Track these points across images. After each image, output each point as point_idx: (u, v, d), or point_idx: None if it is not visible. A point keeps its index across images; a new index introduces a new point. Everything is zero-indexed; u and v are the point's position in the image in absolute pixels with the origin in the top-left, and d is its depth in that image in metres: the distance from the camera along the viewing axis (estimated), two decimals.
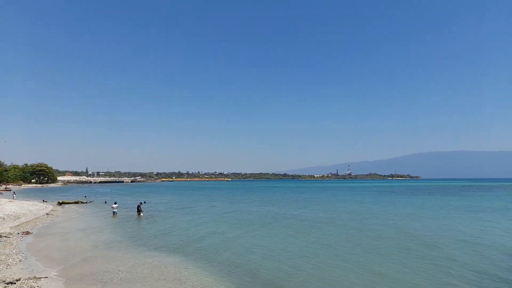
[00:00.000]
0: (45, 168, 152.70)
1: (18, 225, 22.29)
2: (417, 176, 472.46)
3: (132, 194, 72.82)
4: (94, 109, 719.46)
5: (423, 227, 21.89)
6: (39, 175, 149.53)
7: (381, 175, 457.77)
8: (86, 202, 44.15)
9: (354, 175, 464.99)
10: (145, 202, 30.31)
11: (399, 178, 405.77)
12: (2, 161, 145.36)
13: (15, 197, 51.83)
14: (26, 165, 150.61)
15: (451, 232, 19.96)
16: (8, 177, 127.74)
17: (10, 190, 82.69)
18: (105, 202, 44.76)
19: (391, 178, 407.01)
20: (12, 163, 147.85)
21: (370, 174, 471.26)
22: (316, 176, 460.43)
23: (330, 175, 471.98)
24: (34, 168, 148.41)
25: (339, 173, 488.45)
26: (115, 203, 30.18)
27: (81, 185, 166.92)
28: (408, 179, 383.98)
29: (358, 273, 11.35)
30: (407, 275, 11.24)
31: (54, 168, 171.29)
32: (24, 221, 24.46)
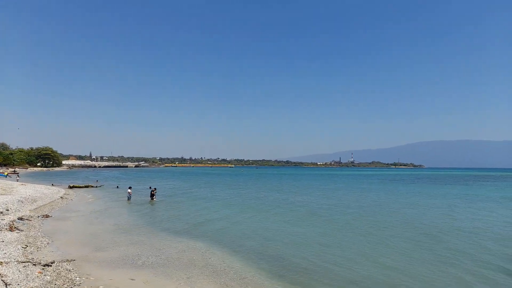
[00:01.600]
0: (50, 152, 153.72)
1: (36, 208, 22.50)
2: (421, 165, 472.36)
3: (138, 179, 73.33)
4: (98, 98, 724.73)
5: (426, 216, 22.21)
6: (44, 158, 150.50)
7: (384, 164, 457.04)
8: (96, 187, 44.37)
9: (357, 163, 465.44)
10: (150, 188, 30.88)
11: (402, 167, 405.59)
12: (8, 144, 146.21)
13: (18, 180, 52.05)
14: (32, 148, 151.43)
15: (455, 222, 20.14)
16: (14, 160, 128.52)
17: (18, 173, 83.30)
18: (117, 187, 45.09)
19: (394, 167, 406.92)
20: (17, 147, 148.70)
21: (373, 162, 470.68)
22: (319, 163, 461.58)
23: (333, 163, 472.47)
24: (39, 152, 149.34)
25: (342, 161, 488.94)
26: (130, 188, 30.35)
27: (86, 169, 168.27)
28: (411, 168, 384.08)
29: (362, 263, 11.37)
30: (410, 265, 11.24)
31: (58, 152, 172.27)
32: (41, 204, 24.70)
